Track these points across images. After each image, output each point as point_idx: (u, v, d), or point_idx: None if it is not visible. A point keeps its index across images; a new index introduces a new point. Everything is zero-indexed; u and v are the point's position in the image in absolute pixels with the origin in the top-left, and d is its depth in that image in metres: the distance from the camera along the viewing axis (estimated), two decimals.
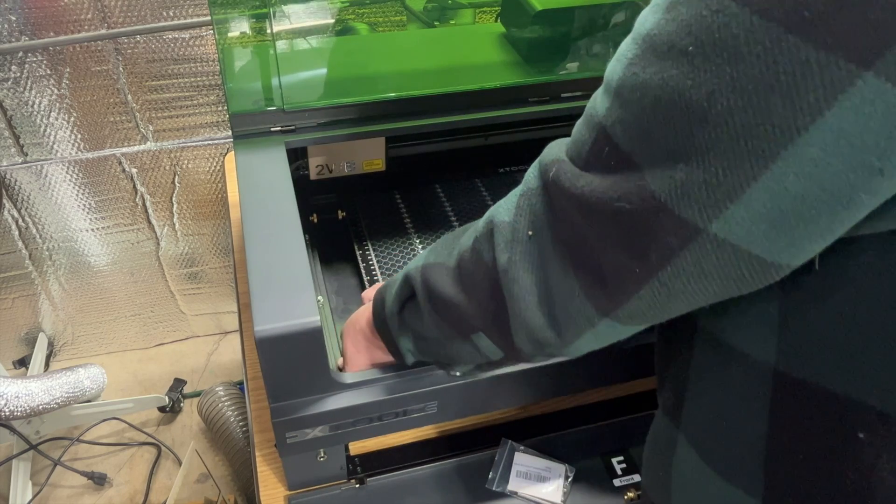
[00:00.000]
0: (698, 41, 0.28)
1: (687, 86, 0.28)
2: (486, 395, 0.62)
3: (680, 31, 0.29)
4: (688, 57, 0.28)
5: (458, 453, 0.69)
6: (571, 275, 0.37)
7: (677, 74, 0.29)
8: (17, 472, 1.39)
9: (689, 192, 0.29)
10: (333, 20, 0.86)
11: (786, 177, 0.27)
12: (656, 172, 0.30)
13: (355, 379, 0.57)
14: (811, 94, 0.25)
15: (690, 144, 0.29)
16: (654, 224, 0.31)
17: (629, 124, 0.32)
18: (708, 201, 0.29)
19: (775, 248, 0.29)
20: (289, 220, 0.60)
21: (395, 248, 0.82)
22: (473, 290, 0.44)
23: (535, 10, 0.83)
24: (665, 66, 0.29)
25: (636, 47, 0.31)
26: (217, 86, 1.33)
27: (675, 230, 0.30)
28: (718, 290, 0.32)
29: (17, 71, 1.22)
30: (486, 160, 0.97)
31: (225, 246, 1.61)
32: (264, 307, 0.51)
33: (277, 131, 0.73)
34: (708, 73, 0.28)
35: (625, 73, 0.32)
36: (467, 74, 0.85)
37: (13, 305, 1.58)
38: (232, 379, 1.58)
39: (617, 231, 0.33)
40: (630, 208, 0.32)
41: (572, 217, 0.36)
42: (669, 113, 0.29)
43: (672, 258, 0.31)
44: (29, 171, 1.36)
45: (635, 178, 0.31)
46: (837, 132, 0.25)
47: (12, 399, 1.14)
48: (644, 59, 0.31)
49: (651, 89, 0.30)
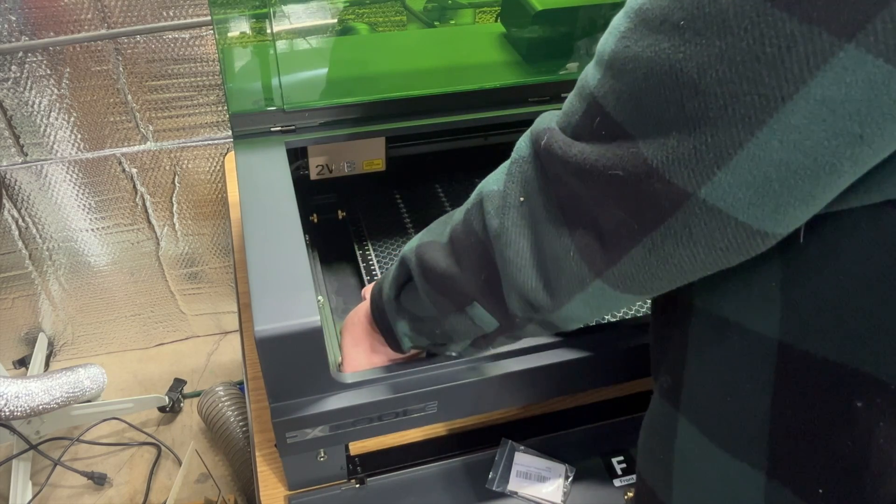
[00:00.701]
0: (690, 15, 0.29)
1: (679, 58, 0.30)
2: (486, 395, 0.62)
3: (672, 6, 0.30)
4: (679, 31, 0.30)
5: (458, 453, 0.69)
6: (566, 235, 0.39)
7: (669, 47, 0.30)
8: (17, 472, 1.39)
9: (680, 158, 0.31)
10: (333, 20, 0.86)
11: (771, 144, 0.28)
12: (649, 141, 0.32)
13: (355, 379, 0.57)
14: (795, 65, 0.27)
15: (682, 114, 0.30)
16: (647, 189, 0.32)
17: (621, 95, 0.33)
18: (697, 167, 0.30)
19: (761, 215, 0.30)
20: (289, 220, 0.60)
21: (395, 248, 0.82)
22: (466, 260, 0.45)
23: (535, 10, 0.83)
24: (657, 39, 0.31)
25: (628, 21, 0.33)
26: (217, 86, 1.33)
27: (667, 194, 0.32)
28: (706, 258, 0.33)
29: (17, 71, 1.22)
30: (486, 160, 0.96)
31: (225, 246, 1.61)
32: (264, 307, 0.51)
33: (277, 131, 0.73)
34: (698, 46, 0.29)
35: (617, 46, 0.33)
36: (467, 74, 0.85)
37: (13, 305, 1.58)
38: (232, 379, 1.58)
39: (612, 193, 0.35)
40: (624, 175, 0.33)
41: (566, 181, 0.37)
42: (662, 84, 0.31)
43: (663, 220, 0.33)
44: (29, 171, 1.36)
45: (628, 145, 0.33)
46: (820, 101, 0.27)
47: (12, 399, 1.14)
48: (636, 33, 0.32)
49: (643, 62, 0.31)
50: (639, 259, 0.35)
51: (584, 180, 0.36)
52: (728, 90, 0.28)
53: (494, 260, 0.43)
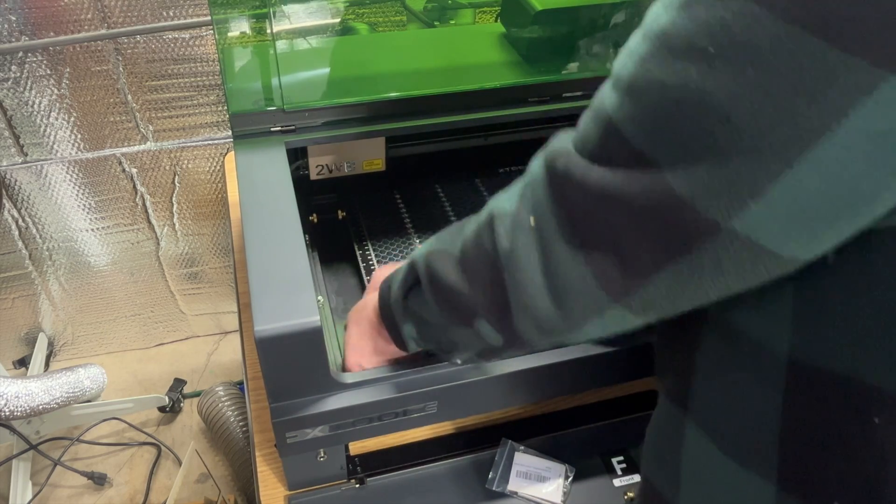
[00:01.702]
0: (719, 43, 0.28)
1: (708, 87, 0.28)
2: (486, 395, 0.62)
3: (699, 32, 0.29)
4: (708, 58, 0.28)
5: (458, 453, 0.68)
6: (582, 260, 0.37)
7: (697, 75, 0.29)
8: (17, 472, 1.39)
9: (710, 189, 0.30)
10: (333, 20, 0.86)
11: (809, 176, 0.27)
12: (676, 170, 0.31)
13: (355, 379, 0.57)
14: (836, 97, 0.26)
15: (712, 143, 0.29)
16: (674, 218, 0.31)
17: (643, 121, 0.32)
18: (729, 199, 0.29)
19: (794, 245, 0.30)
20: (289, 220, 0.60)
21: (395, 248, 0.82)
22: (476, 278, 0.44)
23: (535, 10, 0.83)
24: (683, 65, 0.29)
25: (649, 44, 0.31)
26: (217, 86, 1.33)
27: (696, 224, 0.31)
28: (732, 284, 0.33)
29: (17, 71, 1.22)
30: (486, 160, 0.97)
31: (225, 246, 1.61)
32: (264, 307, 0.51)
33: (277, 131, 0.73)
34: (730, 74, 0.28)
35: (637, 70, 0.32)
36: (467, 74, 0.85)
37: (13, 305, 1.58)
38: (232, 379, 1.58)
39: (635, 221, 0.33)
40: (649, 204, 0.32)
41: (585, 206, 0.36)
42: (689, 112, 0.29)
43: (690, 250, 0.32)
44: (29, 171, 1.36)
45: (651, 173, 0.32)
46: (862, 132, 0.26)
47: (12, 399, 1.14)
48: (658, 57, 0.31)
49: (669, 89, 0.30)
50: (662, 286, 0.34)
51: (605, 207, 0.34)
52: (763, 121, 0.27)
53: (505, 281, 0.41)
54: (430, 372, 0.58)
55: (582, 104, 0.81)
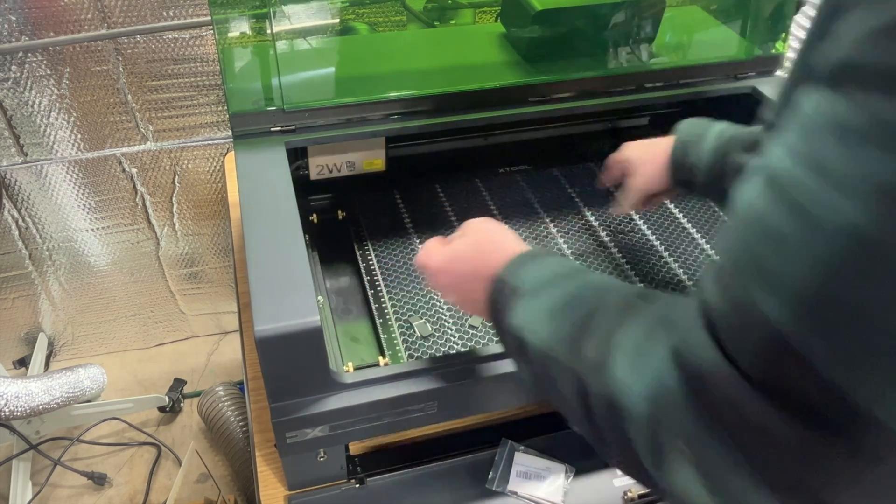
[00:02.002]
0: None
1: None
2: (486, 395, 0.62)
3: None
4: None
5: (458, 453, 0.69)
6: (767, 494, 0.30)
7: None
8: (17, 472, 1.39)
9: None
10: (333, 20, 0.86)
11: None
12: (886, 404, 0.25)
13: (355, 379, 0.57)
14: None
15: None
16: (885, 455, 0.27)
17: (837, 350, 0.25)
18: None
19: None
20: (289, 220, 0.60)
21: (395, 248, 0.82)
22: (606, 441, 0.38)
23: (535, 10, 0.83)
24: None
25: (854, 248, 0.24)
26: (217, 86, 1.33)
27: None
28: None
29: (17, 71, 1.22)
30: (486, 160, 0.97)
31: (225, 246, 1.61)
32: (264, 307, 0.51)
33: (277, 131, 0.73)
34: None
35: (824, 288, 0.25)
36: (467, 74, 0.85)
37: (13, 305, 1.58)
38: (232, 379, 1.58)
39: (818, 454, 0.28)
40: (852, 448, 0.27)
41: (759, 441, 0.29)
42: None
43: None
44: (29, 171, 1.36)
45: (850, 410, 0.26)
46: None
47: (12, 399, 1.14)
48: (861, 268, 0.24)
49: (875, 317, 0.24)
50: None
51: (788, 455, 0.28)
52: None
53: (652, 479, 0.35)
54: (430, 372, 0.58)
55: (581, 104, 0.82)
